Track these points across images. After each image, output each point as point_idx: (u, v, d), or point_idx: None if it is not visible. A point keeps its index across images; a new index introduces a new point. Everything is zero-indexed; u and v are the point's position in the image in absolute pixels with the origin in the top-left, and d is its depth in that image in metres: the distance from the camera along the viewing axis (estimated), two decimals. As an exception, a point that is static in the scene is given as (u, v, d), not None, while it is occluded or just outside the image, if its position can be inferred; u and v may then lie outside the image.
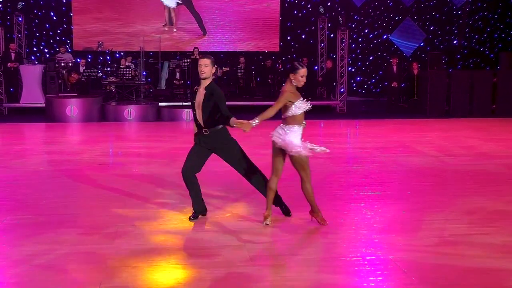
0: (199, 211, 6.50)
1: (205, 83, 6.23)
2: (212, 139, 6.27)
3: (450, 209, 6.94)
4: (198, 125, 6.30)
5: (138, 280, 4.69)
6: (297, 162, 5.99)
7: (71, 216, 6.60)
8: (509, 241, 5.74)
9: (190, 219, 6.43)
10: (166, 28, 21.25)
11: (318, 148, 6.06)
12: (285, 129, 5.94)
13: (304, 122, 6.03)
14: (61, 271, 4.91)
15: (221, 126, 6.25)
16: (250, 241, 5.71)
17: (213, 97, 6.15)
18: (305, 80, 5.98)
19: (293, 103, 5.88)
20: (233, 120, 5.99)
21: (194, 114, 6.30)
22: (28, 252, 5.35)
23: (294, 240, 5.82)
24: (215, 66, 6.36)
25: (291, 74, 5.99)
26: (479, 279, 4.75)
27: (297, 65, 5.98)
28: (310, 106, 6.02)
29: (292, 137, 5.90)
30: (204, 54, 6.76)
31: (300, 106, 5.92)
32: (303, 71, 5.92)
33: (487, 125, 15.58)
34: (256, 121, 5.84)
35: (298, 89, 6.04)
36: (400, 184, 8.30)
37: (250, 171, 6.46)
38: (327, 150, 6.08)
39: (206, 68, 6.21)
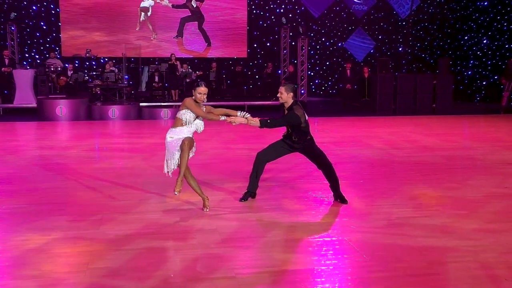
0: (251, 192, 6.63)
1: (286, 106, 6.39)
2: (297, 144, 6.46)
3: (397, 195, 7.03)
4: (288, 134, 6.49)
5: (121, 262, 4.65)
6: None
7: (61, 204, 6.51)
8: (447, 222, 5.84)
9: (240, 200, 6.58)
10: (153, 38, 21.14)
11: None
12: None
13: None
14: (52, 255, 4.84)
15: (308, 137, 6.44)
16: (221, 225, 5.71)
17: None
18: (202, 98, 5.95)
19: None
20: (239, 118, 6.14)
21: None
22: (22, 237, 5.26)
23: (260, 224, 5.83)
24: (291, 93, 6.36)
25: (193, 90, 6.04)
26: (421, 256, 4.82)
27: (199, 83, 6.05)
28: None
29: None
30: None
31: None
32: (200, 89, 5.95)
33: (428, 122, 15.82)
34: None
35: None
36: (354, 174, 8.36)
37: (325, 166, 6.57)
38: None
39: (282, 95, 6.33)
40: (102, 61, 20.17)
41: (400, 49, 23.55)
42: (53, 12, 20.51)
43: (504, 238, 5.33)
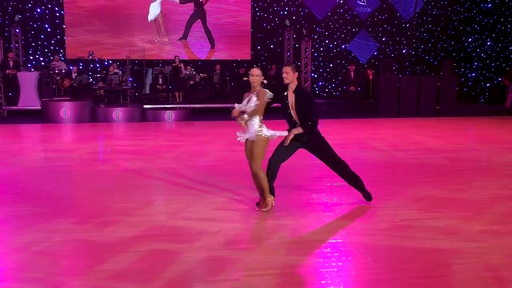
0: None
1: (292, 87, 6.21)
2: (304, 135, 6.25)
3: (401, 197, 7.00)
4: (293, 121, 6.27)
5: (125, 264, 4.64)
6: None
7: (65, 207, 6.51)
8: (452, 224, 5.81)
9: (257, 204, 6.39)
10: (157, 40, 21.16)
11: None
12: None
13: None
14: (56, 257, 4.83)
15: (310, 122, 6.22)
16: (225, 227, 5.69)
17: (303, 98, 6.17)
18: (253, 80, 6.01)
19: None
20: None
21: (288, 113, 6.26)
22: (26, 240, 5.26)
23: (264, 226, 5.81)
24: (296, 72, 6.26)
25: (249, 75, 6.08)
26: (426, 258, 4.80)
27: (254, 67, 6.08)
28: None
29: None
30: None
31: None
32: (251, 71, 6.00)
33: (432, 123, 15.78)
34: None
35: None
36: (358, 176, 8.32)
37: (339, 166, 6.46)
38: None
39: (288, 75, 6.17)
40: (106, 63, 20.21)
41: (404, 51, 23.51)
42: (58, 14, 20.57)
43: (510, 240, 5.30)
